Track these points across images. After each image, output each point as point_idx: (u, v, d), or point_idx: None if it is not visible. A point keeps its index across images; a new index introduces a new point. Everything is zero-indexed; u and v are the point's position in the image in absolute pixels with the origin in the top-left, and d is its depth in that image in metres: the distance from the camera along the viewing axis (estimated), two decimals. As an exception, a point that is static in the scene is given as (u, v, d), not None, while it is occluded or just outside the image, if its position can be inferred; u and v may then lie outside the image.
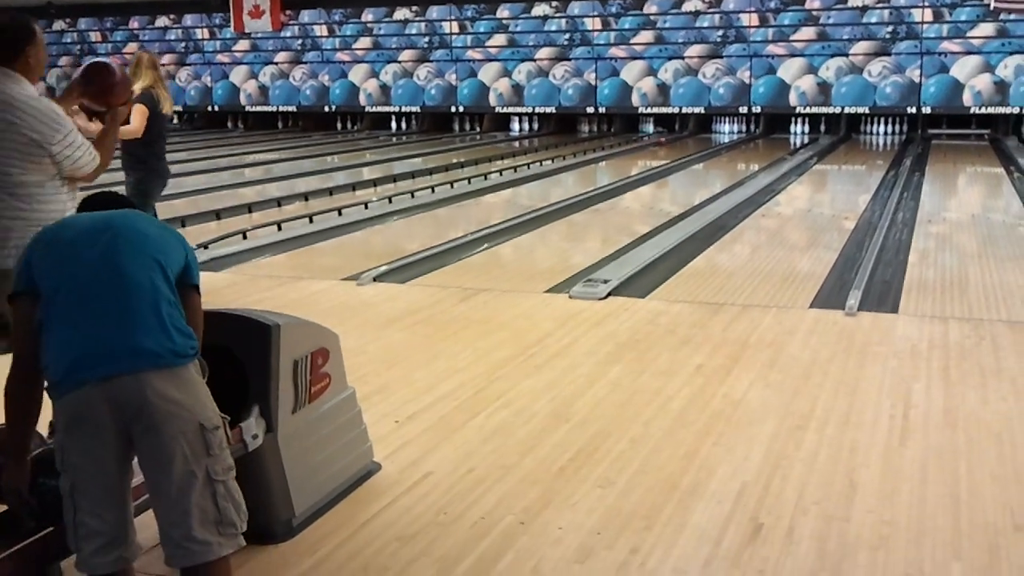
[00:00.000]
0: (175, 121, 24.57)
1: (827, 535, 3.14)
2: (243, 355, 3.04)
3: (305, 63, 22.77)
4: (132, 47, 24.39)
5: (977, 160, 15.81)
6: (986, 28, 18.31)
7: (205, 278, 2.69)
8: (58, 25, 24.95)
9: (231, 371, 3.03)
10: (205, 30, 23.67)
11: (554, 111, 21.24)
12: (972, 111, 18.71)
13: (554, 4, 20.77)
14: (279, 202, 10.96)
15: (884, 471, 3.63)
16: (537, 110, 21.38)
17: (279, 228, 9.06)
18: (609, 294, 6.36)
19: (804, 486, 3.50)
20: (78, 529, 2.33)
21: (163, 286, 2.39)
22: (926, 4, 18.56)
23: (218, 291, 5.05)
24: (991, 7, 17.87)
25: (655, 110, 20.61)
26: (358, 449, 3.56)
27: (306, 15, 22.57)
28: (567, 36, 20.87)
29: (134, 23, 24.30)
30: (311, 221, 9.58)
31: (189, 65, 23.88)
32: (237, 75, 23.37)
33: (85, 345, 2.29)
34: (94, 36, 24.76)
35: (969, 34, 18.44)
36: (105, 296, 2.33)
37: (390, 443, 3.89)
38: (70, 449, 2.32)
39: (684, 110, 20.36)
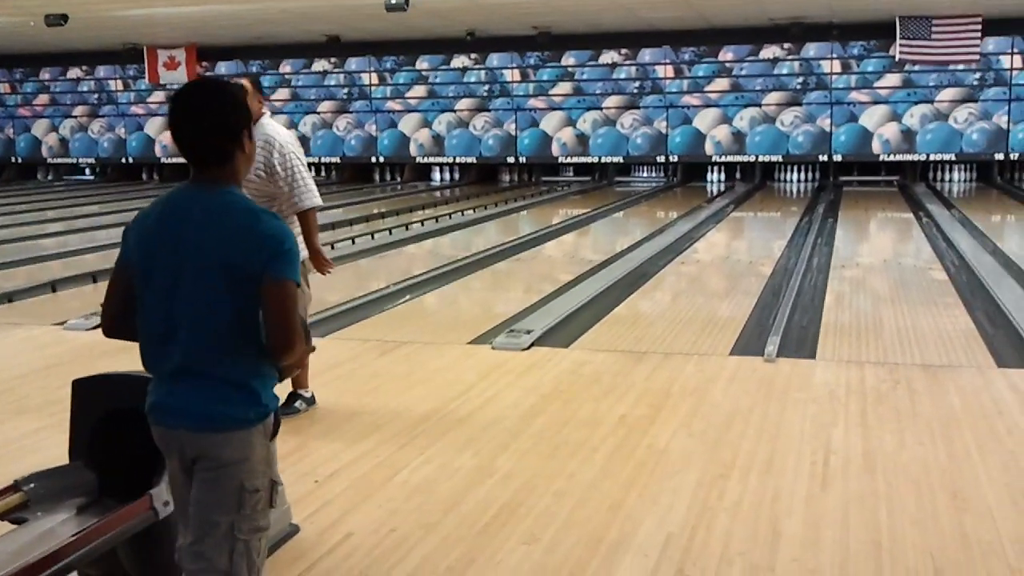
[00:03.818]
0: (87, 173, 24.15)
1: (753, 586, 3.13)
2: (153, 418, 2.93)
3: (223, 114, 22.56)
4: (43, 99, 23.94)
5: (888, 206, 16.27)
6: (892, 79, 18.96)
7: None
8: (-34, 76, 24.40)
9: (141, 435, 2.92)
10: (119, 81, 23.33)
11: (475, 161, 21.34)
12: (881, 158, 19.30)
13: (473, 56, 20.95)
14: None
15: (807, 518, 3.64)
16: (458, 160, 21.47)
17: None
18: (532, 344, 6.34)
19: (729, 536, 3.49)
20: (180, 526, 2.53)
21: (245, 310, 2.33)
22: (834, 56, 19.16)
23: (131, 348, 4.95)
24: (897, 58, 18.51)
25: (575, 159, 20.85)
26: (275, 512, 3.44)
27: (223, 66, 22.39)
28: (487, 87, 21.04)
29: (45, 74, 23.83)
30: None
31: (102, 117, 23.49)
32: (152, 126, 23.04)
33: (159, 394, 2.43)
34: (3, 87, 24.21)
35: (876, 84, 19.07)
36: (185, 325, 2.34)
37: (309, 504, 3.79)
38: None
39: (603, 159, 20.63)
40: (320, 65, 21.92)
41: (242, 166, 2.42)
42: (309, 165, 5.02)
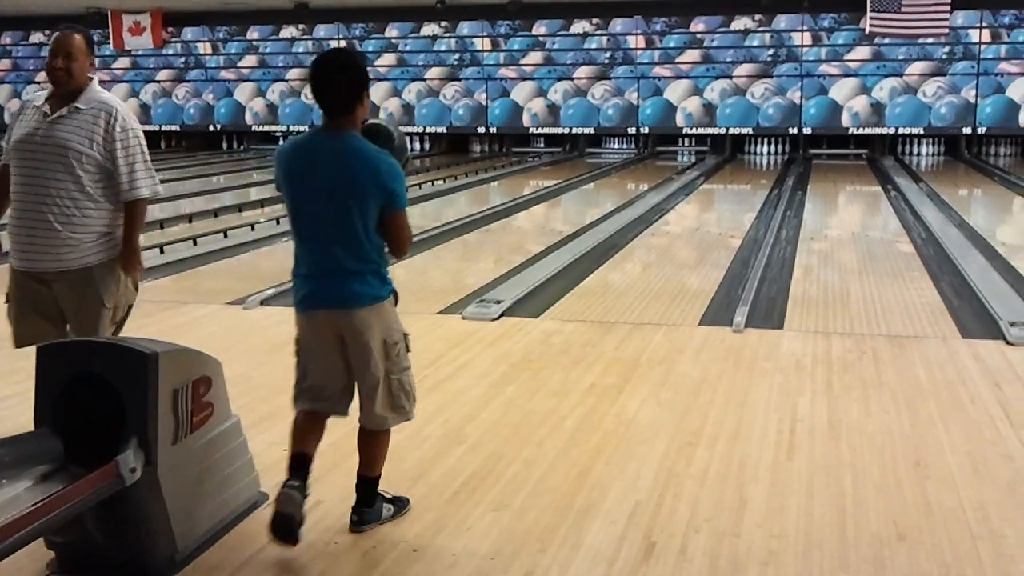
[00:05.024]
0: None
1: (719, 552, 3.16)
2: (120, 385, 2.92)
3: (189, 81, 22.32)
4: (5, 64, 23.55)
5: (856, 179, 16.36)
6: (862, 52, 19.02)
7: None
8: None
9: (107, 401, 2.90)
10: (84, 47, 22.92)
11: (445, 131, 21.23)
12: (850, 132, 19.39)
13: (443, 24, 20.79)
14: (161, 224, 10.60)
15: (772, 485, 3.68)
16: (428, 130, 21.35)
17: (161, 251, 8.81)
18: (502, 314, 6.35)
19: (695, 503, 3.52)
20: (302, 384, 3.37)
21: (369, 225, 3.16)
22: (805, 28, 19.19)
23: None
24: (867, 31, 18.56)
25: (546, 130, 20.80)
26: (244, 479, 3.45)
27: (189, 32, 22.12)
28: (457, 56, 20.91)
29: (6, 39, 23.43)
30: (195, 243, 9.34)
31: (68, 83, 23.10)
32: (118, 93, 22.66)
33: (314, 285, 3.24)
34: (-35, 52, 23.79)
35: (846, 57, 19.13)
36: (327, 240, 3.18)
37: (278, 472, 3.74)
38: (305, 350, 3.35)
39: (574, 130, 20.59)
40: (288, 32, 21.68)
41: (359, 116, 3.20)
42: (277, 135, 4.83)
